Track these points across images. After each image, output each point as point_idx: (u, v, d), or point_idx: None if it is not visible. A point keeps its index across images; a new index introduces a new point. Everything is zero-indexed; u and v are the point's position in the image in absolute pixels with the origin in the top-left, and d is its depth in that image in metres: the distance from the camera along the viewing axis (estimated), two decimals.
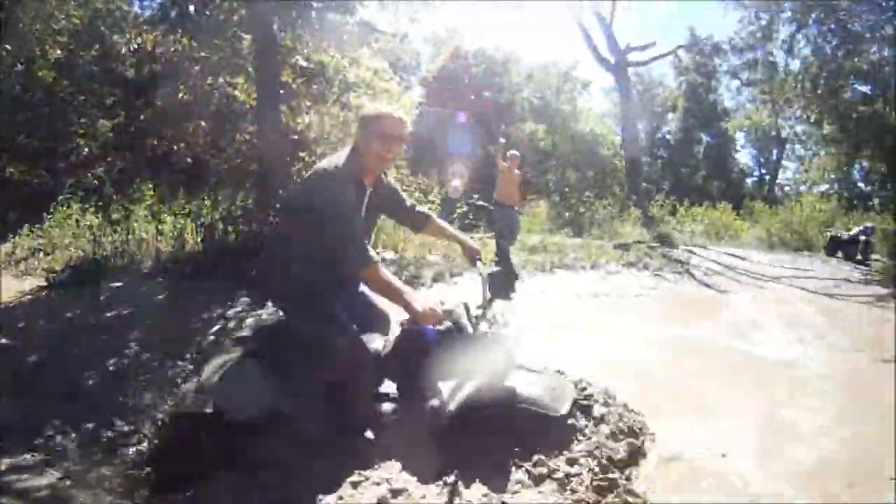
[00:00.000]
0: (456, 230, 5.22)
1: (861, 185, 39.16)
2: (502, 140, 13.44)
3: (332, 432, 4.19)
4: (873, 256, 20.77)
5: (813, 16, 22.96)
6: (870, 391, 7.14)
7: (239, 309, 9.18)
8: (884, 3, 21.78)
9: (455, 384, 4.27)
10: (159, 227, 12.50)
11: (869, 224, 22.38)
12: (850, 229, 22.59)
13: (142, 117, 14.92)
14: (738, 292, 13.29)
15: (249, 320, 8.24)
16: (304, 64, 14.00)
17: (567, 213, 25.24)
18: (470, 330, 4.51)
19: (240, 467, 4.01)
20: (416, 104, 29.34)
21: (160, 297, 9.66)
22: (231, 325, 8.45)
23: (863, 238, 20.88)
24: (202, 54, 13.52)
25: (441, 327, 4.43)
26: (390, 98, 19.99)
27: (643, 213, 25.81)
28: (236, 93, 14.26)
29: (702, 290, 13.48)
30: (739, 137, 54.59)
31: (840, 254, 21.09)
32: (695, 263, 16.64)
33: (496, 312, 4.77)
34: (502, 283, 8.75)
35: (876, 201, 30.91)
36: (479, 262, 4.87)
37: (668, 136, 57.26)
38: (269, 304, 4.81)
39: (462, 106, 30.79)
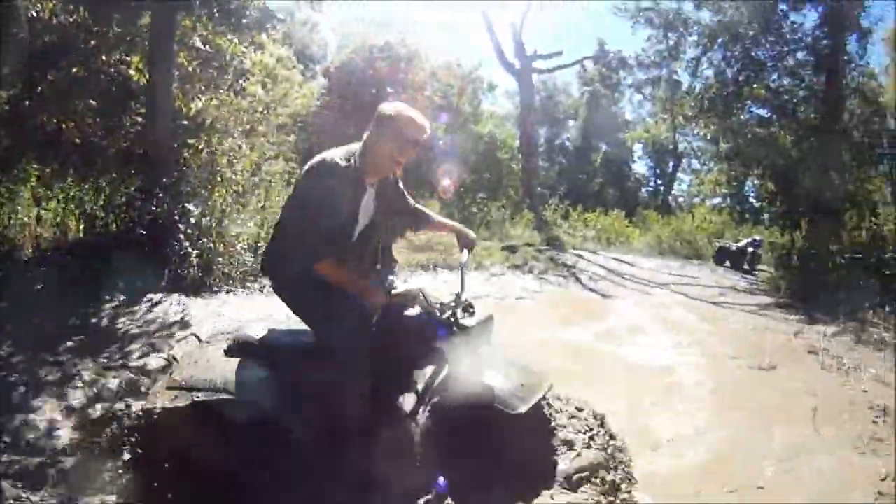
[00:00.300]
0: (454, 222, 5.00)
1: (753, 200, 40.07)
2: None
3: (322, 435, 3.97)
4: (760, 267, 21.28)
5: (719, 41, 23.51)
6: (744, 398, 7.17)
7: (116, 304, 8.89)
8: (788, 36, 22.42)
9: (428, 382, 4.24)
10: (41, 212, 11.97)
11: (758, 237, 23.04)
12: (738, 241, 23.20)
13: (39, 89, 14.25)
14: (622, 297, 13.33)
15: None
16: (201, 46, 13.62)
17: (459, 214, 24.84)
18: (439, 316, 4.27)
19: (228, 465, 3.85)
20: (317, 94, 29.15)
21: (38, 287, 9.13)
22: (105, 322, 8.18)
23: (751, 249, 21.50)
24: (100, 28, 13.04)
25: (412, 313, 4.26)
26: (291, 87, 19.71)
27: (536, 216, 25.96)
28: (131, 72, 13.80)
29: (586, 293, 13.50)
30: (637, 149, 55.50)
31: (728, 263, 21.64)
32: (582, 267, 16.70)
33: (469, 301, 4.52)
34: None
35: (766, 216, 31.68)
36: (465, 251, 4.69)
37: (567, 143, 57.97)
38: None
39: (363, 100, 30.61)
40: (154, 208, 10.83)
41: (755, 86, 22.85)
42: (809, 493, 5.04)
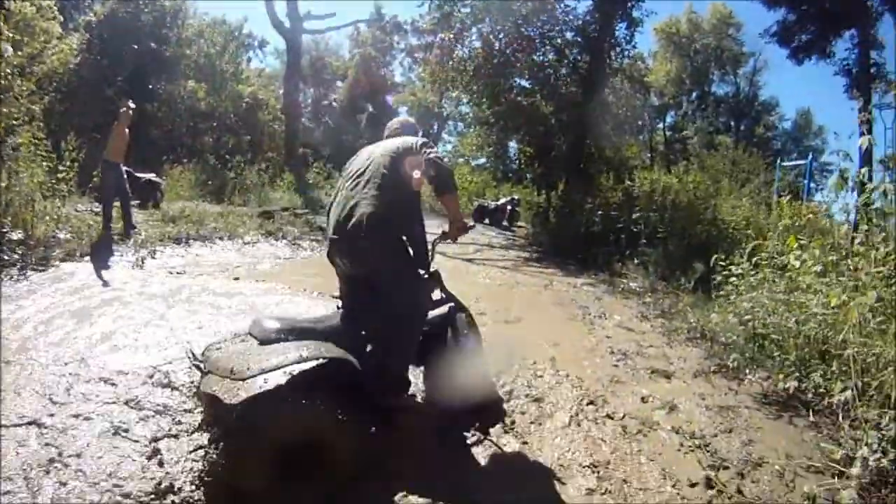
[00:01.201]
0: None
1: (514, 162, 41.40)
2: (130, 102, 12.98)
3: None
4: (519, 224, 22.01)
5: (490, 14, 23.80)
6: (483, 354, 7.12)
7: None
8: (560, 17, 23.03)
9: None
10: None
11: (516, 196, 24.36)
12: (497, 199, 23.96)
13: None
14: None
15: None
16: None
17: (210, 181, 23.81)
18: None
19: None
20: (76, 51, 27.42)
21: None
22: None
23: (509, 208, 22.57)
24: None
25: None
26: (49, 39, 18.43)
27: (298, 178, 25.77)
28: None
29: None
30: (402, 111, 55.81)
31: (487, 221, 22.56)
32: None
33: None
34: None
35: (528, 176, 32.76)
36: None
37: (334, 104, 57.82)
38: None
39: (124, 58, 29.26)
40: None
41: (520, 63, 23.35)
42: (541, 434, 5.10)
